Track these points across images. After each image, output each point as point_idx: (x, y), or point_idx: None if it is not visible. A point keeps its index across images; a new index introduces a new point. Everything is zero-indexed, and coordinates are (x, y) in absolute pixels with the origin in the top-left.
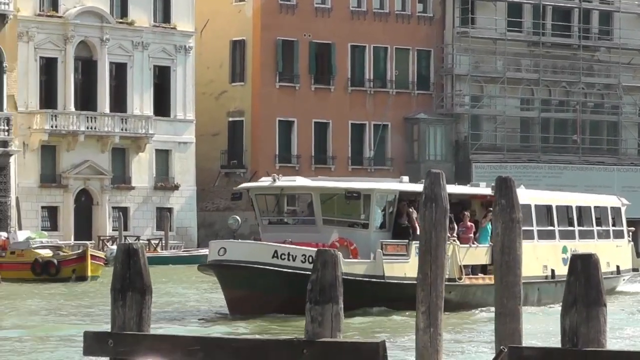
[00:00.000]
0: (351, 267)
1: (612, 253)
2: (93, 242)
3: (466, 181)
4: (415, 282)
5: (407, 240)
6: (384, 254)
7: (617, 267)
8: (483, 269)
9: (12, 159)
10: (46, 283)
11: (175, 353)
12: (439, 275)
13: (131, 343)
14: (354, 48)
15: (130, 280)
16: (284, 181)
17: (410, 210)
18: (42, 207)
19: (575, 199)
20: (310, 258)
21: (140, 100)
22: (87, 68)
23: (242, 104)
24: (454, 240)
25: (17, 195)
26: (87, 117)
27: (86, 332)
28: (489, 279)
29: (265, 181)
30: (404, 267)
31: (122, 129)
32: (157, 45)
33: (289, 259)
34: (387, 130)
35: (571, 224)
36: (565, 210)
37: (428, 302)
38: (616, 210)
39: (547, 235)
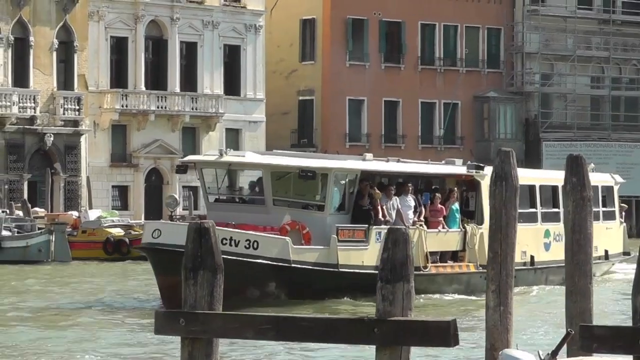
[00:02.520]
0: (301, 254)
1: (600, 237)
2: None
3: (536, 159)
4: (374, 271)
5: (366, 225)
6: (339, 240)
7: (606, 251)
8: (454, 256)
9: (82, 139)
10: (118, 262)
11: (247, 332)
12: (509, 254)
13: (202, 322)
14: (424, 26)
15: (202, 259)
16: (232, 155)
17: (374, 191)
18: (113, 187)
19: (561, 179)
20: (256, 243)
21: (211, 80)
22: (157, 47)
23: (312, 82)
24: (421, 225)
25: (87, 175)
26: (158, 97)
27: (157, 311)
28: (457, 267)
29: (212, 154)
30: (362, 255)
31: (192, 108)
32: (227, 24)
33: (230, 244)
34: (457, 109)
35: (556, 205)
36: (550, 191)
37: (498, 281)
38: (608, 189)
39: (528, 218)
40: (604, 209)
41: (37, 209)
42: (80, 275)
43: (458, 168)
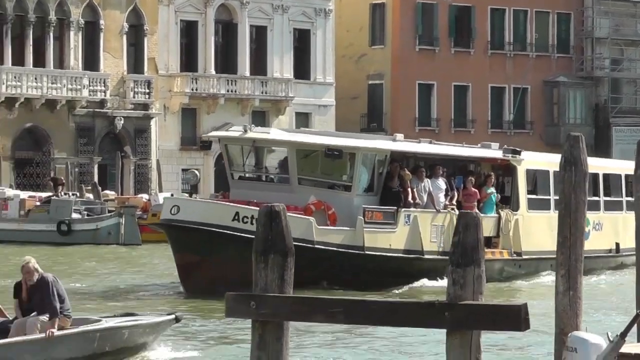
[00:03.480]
0: (326, 235)
1: (628, 227)
2: None
3: (605, 145)
4: (402, 255)
5: (395, 207)
6: (365, 222)
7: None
8: (487, 242)
9: (152, 122)
10: None
11: (317, 315)
12: (579, 239)
13: (273, 305)
14: (494, 11)
15: (272, 242)
16: (256, 132)
17: (404, 172)
18: (183, 170)
19: (602, 166)
20: None
21: (280, 63)
22: (227, 31)
23: (382, 66)
24: (453, 209)
25: (157, 158)
26: (228, 80)
27: (228, 294)
28: (490, 254)
29: (236, 131)
30: (389, 238)
31: (262, 92)
32: (297, 9)
33: (252, 222)
34: (527, 94)
35: (596, 193)
36: (590, 179)
37: (567, 265)
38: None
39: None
40: (629, 198)
41: (107, 191)
42: (149, 257)
43: (493, 152)
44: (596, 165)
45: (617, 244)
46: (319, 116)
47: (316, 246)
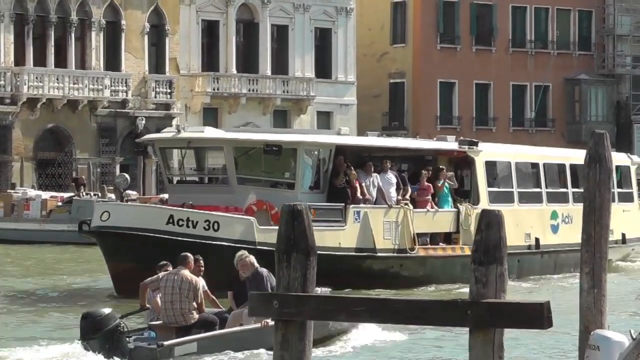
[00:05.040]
0: (269, 235)
1: (616, 219)
2: None
3: (627, 142)
4: (352, 253)
5: (342, 204)
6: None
7: (623, 235)
8: (446, 238)
9: (174, 122)
10: None
11: (340, 314)
12: (603, 236)
13: (296, 304)
14: (515, 9)
15: (295, 242)
16: (190, 131)
17: (349, 171)
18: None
19: (569, 156)
20: (216, 224)
21: (302, 63)
22: (248, 30)
23: (403, 65)
24: (406, 204)
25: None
26: (249, 80)
27: (251, 293)
28: (450, 250)
29: (169, 131)
30: (338, 236)
31: (283, 91)
32: (318, 7)
33: (188, 226)
34: (548, 91)
35: (564, 185)
36: (555, 169)
37: (592, 263)
38: (623, 170)
39: (532, 198)
40: (620, 190)
41: (129, 192)
42: None
43: (448, 144)
44: (564, 156)
45: None
46: (340, 115)
47: (258, 247)
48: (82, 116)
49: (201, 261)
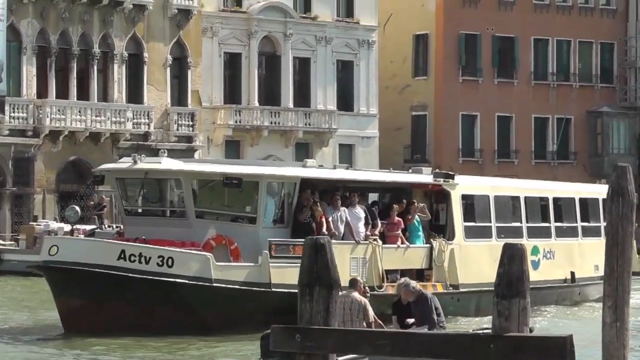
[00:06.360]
0: (226, 272)
1: (602, 254)
2: None
3: None
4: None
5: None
6: (272, 256)
7: None
8: (418, 275)
9: (196, 154)
10: None
11: (363, 347)
12: (626, 270)
13: (318, 338)
14: (537, 41)
15: (318, 275)
16: (147, 162)
17: (315, 207)
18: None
19: (552, 189)
20: (170, 260)
21: (324, 95)
22: (270, 63)
23: (425, 98)
24: (375, 240)
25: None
26: (271, 112)
27: (274, 326)
28: (422, 288)
29: (125, 162)
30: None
31: (305, 124)
32: (341, 40)
33: (140, 261)
34: (570, 124)
35: (545, 219)
36: (537, 203)
37: (615, 297)
38: (592, 202)
39: (512, 233)
40: (586, 224)
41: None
42: None
43: (422, 176)
44: (547, 188)
45: (573, 273)
46: (362, 148)
47: (214, 285)
48: (104, 149)
49: (367, 287)
